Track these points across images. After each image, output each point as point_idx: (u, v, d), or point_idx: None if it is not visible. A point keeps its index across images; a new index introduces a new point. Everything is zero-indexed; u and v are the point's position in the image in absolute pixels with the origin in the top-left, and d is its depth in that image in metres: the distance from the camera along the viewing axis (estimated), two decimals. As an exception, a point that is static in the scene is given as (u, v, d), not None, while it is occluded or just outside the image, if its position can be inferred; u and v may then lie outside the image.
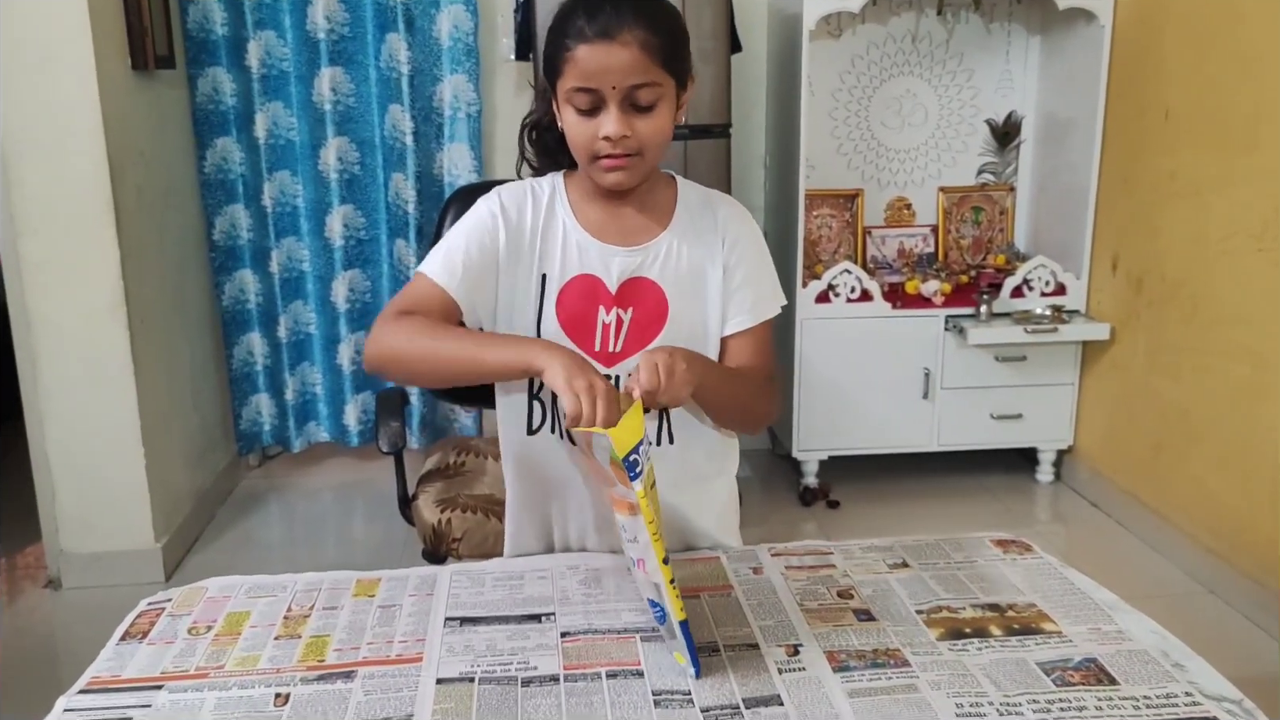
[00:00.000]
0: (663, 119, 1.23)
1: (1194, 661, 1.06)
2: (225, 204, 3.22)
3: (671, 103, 1.24)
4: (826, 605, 1.19)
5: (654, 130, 1.22)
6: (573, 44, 1.18)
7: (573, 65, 1.19)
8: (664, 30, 1.20)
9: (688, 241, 1.32)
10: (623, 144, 1.21)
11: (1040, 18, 3.32)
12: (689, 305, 1.32)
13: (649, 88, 1.19)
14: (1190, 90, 2.69)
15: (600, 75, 1.18)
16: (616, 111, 1.19)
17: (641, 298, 1.31)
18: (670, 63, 1.21)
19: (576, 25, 1.18)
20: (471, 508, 1.88)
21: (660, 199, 1.34)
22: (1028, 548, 1.34)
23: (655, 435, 1.34)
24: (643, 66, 1.18)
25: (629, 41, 1.17)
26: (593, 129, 1.21)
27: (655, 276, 1.31)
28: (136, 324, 2.65)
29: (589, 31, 1.17)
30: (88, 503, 2.70)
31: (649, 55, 1.18)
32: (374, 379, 3.44)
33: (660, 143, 1.24)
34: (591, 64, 1.18)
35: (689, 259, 1.32)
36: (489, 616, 1.18)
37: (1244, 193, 2.50)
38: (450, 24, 3.12)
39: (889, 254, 3.45)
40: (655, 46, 1.18)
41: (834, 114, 3.39)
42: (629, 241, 1.31)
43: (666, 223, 1.33)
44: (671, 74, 1.22)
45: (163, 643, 1.14)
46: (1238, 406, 2.54)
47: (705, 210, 1.35)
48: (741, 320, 1.34)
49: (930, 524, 3.02)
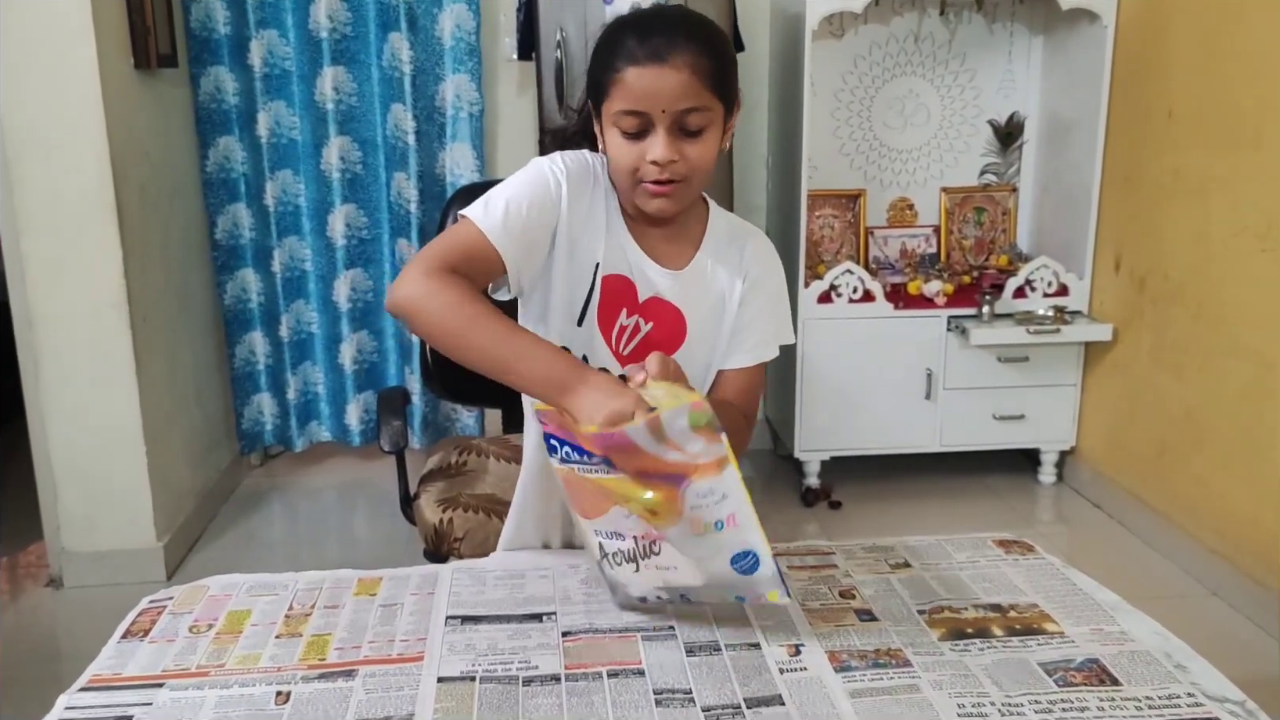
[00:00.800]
0: (710, 145, 1.20)
1: (1196, 663, 1.06)
2: (227, 203, 3.22)
3: (719, 128, 1.21)
4: (828, 605, 1.19)
5: (701, 156, 1.19)
6: (623, 65, 1.15)
7: (621, 87, 1.16)
8: (716, 54, 1.17)
9: (712, 274, 1.31)
10: (670, 169, 1.18)
11: (1043, 18, 3.31)
12: (705, 335, 1.31)
13: (699, 112, 1.17)
14: (1193, 90, 2.68)
15: (650, 98, 1.15)
16: (665, 135, 1.17)
17: (664, 317, 1.30)
18: (720, 87, 1.18)
19: (627, 46, 1.15)
20: (473, 507, 1.88)
21: (692, 226, 1.32)
22: (1030, 548, 1.34)
23: None
24: (694, 91, 1.15)
25: (681, 65, 1.14)
26: (639, 152, 1.18)
27: (679, 303, 1.30)
28: (138, 322, 2.65)
29: (640, 53, 1.14)
30: (89, 501, 2.71)
31: (700, 79, 1.15)
32: (376, 378, 3.44)
33: (706, 169, 1.21)
34: (641, 86, 1.15)
35: (712, 291, 1.31)
36: (490, 615, 1.17)
37: (1248, 192, 2.49)
38: (452, 23, 3.12)
39: (891, 254, 3.45)
40: (706, 70, 1.15)
41: (836, 114, 3.39)
42: (661, 261, 1.29)
43: (692, 254, 1.31)
44: (721, 99, 1.19)
45: (164, 641, 1.14)
46: (1241, 407, 2.54)
47: (733, 244, 1.33)
48: (740, 359, 1.33)
49: (932, 525, 3.02)
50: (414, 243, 3.24)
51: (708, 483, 1.02)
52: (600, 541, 1.12)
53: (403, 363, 3.42)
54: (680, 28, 1.16)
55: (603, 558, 1.14)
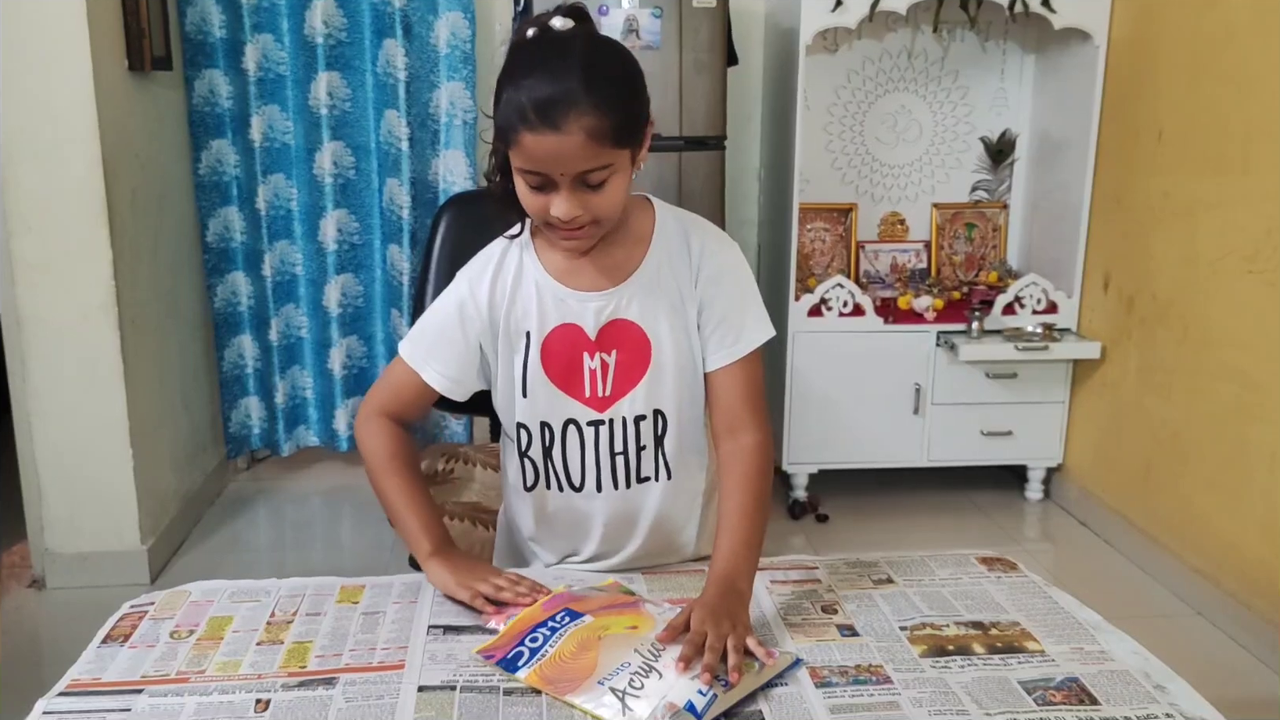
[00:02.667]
0: (615, 191, 1.18)
1: (1175, 683, 1.06)
2: (219, 206, 3.22)
3: (626, 171, 1.19)
4: (810, 620, 1.19)
5: (607, 204, 1.18)
6: (519, 127, 1.12)
7: (520, 149, 1.14)
8: (613, 110, 1.12)
9: (663, 275, 1.28)
10: (576, 220, 1.17)
11: (1036, 37, 3.33)
12: (671, 341, 1.28)
13: (599, 170, 1.14)
14: (1184, 111, 2.70)
15: (548, 163, 1.13)
16: (567, 193, 1.15)
17: (623, 339, 1.28)
18: (621, 140, 1.15)
19: (522, 108, 1.11)
20: (459, 515, 1.87)
21: (635, 229, 1.29)
22: (1012, 566, 1.34)
23: (653, 471, 1.33)
24: (592, 153, 1.12)
25: (576, 130, 1.10)
26: (544, 204, 1.17)
27: (634, 317, 1.27)
28: (127, 325, 2.65)
29: (535, 119, 1.11)
30: (74, 503, 2.69)
31: (597, 141, 1.12)
32: (365, 384, 3.43)
33: (615, 208, 1.20)
34: (539, 152, 1.12)
35: (666, 293, 1.28)
36: (472, 625, 1.17)
37: (1236, 214, 2.51)
38: (448, 31, 3.13)
39: (882, 269, 3.46)
40: (604, 131, 1.12)
41: (829, 128, 3.40)
42: (603, 284, 1.27)
43: (641, 256, 1.28)
44: (623, 148, 1.16)
45: (144, 646, 1.13)
46: (1228, 428, 2.55)
47: (680, 240, 1.30)
48: (723, 355, 1.29)
49: (919, 540, 3.02)
50: (405, 249, 3.24)
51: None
52: (612, 687, 1.01)
53: (392, 369, 3.41)
54: (576, 88, 1.10)
55: (624, 696, 1.00)
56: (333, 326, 3.34)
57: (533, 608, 1.16)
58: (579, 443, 1.30)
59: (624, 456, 1.31)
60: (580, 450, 1.31)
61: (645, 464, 1.32)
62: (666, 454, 1.33)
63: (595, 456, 1.31)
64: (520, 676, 1.05)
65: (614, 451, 1.31)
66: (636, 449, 1.31)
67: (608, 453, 1.31)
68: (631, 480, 1.32)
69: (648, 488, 1.33)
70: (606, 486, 1.32)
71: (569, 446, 1.31)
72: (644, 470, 1.32)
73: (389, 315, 3.35)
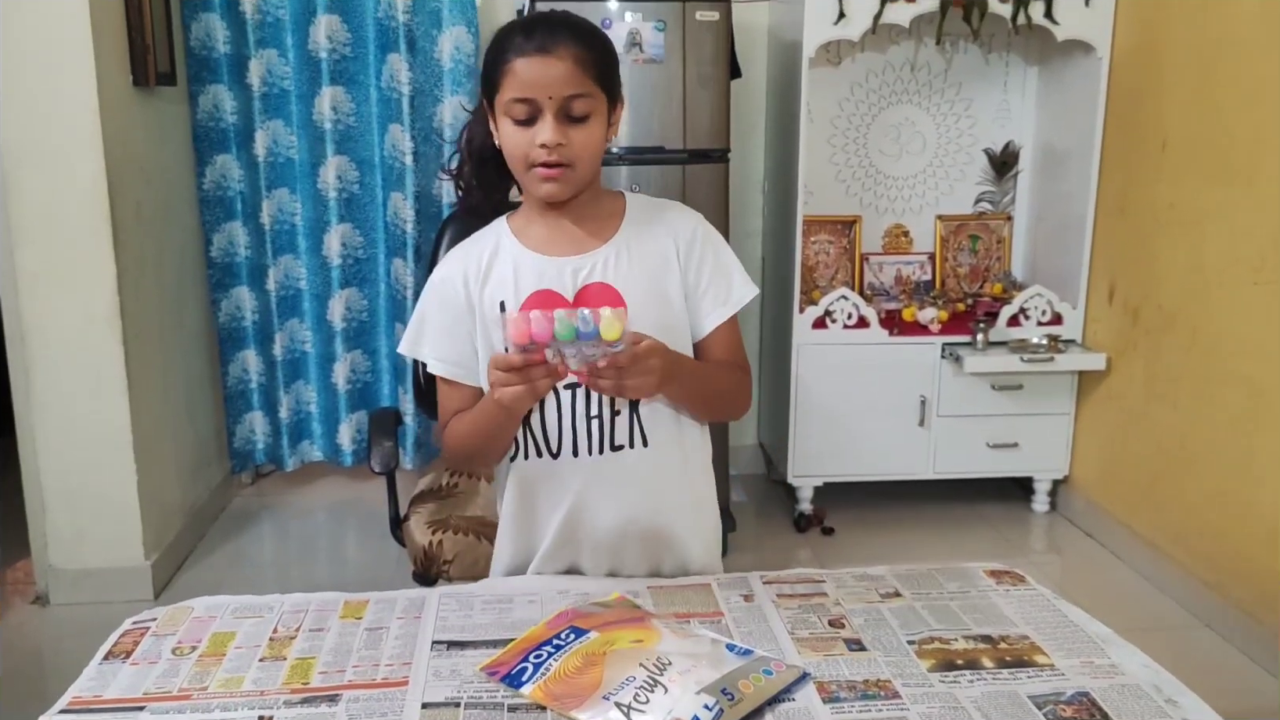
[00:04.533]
0: (595, 131, 1.29)
1: (1186, 697, 1.05)
2: (223, 221, 3.22)
3: (603, 118, 1.31)
4: (818, 634, 1.18)
5: (587, 140, 1.28)
6: (512, 57, 1.26)
7: (511, 77, 1.26)
8: (597, 48, 1.29)
9: (639, 245, 1.37)
10: (558, 151, 1.26)
11: (1039, 49, 3.33)
12: (647, 306, 1.33)
13: (583, 99, 1.27)
14: (1188, 121, 2.70)
15: (537, 86, 1.25)
16: (552, 120, 1.26)
17: (599, 302, 1.32)
18: (602, 78, 1.29)
19: (515, 41, 1.26)
20: (463, 529, 1.87)
21: (605, 212, 1.39)
22: (1021, 579, 1.33)
23: (627, 438, 1.36)
24: (577, 79, 1.26)
25: (564, 55, 1.25)
26: (529, 138, 1.27)
27: (610, 279, 1.35)
28: (131, 338, 2.64)
29: (527, 46, 1.25)
30: (78, 518, 2.69)
31: (582, 69, 1.26)
32: (369, 398, 3.43)
33: (593, 154, 1.31)
34: (529, 75, 1.25)
35: (641, 261, 1.36)
36: (477, 641, 1.16)
37: (1241, 224, 2.50)
38: (452, 45, 3.14)
39: (886, 281, 3.45)
40: (588, 61, 1.27)
41: (833, 140, 3.40)
42: (582, 248, 1.36)
43: (616, 226, 1.38)
44: (603, 89, 1.29)
45: (146, 663, 1.13)
46: (1234, 438, 2.54)
47: (654, 216, 1.41)
48: (715, 315, 1.39)
49: (925, 552, 3.01)
50: (409, 263, 3.23)
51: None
52: (617, 702, 1.00)
53: (396, 383, 3.41)
54: (563, 26, 1.28)
55: (629, 711, 1.00)
56: (337, 341, 3.34)
57: (538, 626, 1.15)
58: (555, 407, 1.34)
59: (599, 420, 1.34)
60: (557, 414, 1.34)
61: (620, 431, 1.35)
62: (642, 420, 1.35)
63: (572, 420, 1.34)
64: (525, 692, 1.04)
65: (589, 415, 1.34)
66: (611, 414, 1.34)
67: (584, 416, 1.34)
68: (606, 447, 1.35)
69: (623, 455, 1.36)
70: (582, 452, 1.35)
71: (546, 411, 1.35)
72: (618, 437, 1.35)
73: (393, 329, 3.35)
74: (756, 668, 1.07)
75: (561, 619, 1.16)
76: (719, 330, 1.39)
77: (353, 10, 3.12)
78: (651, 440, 1.36)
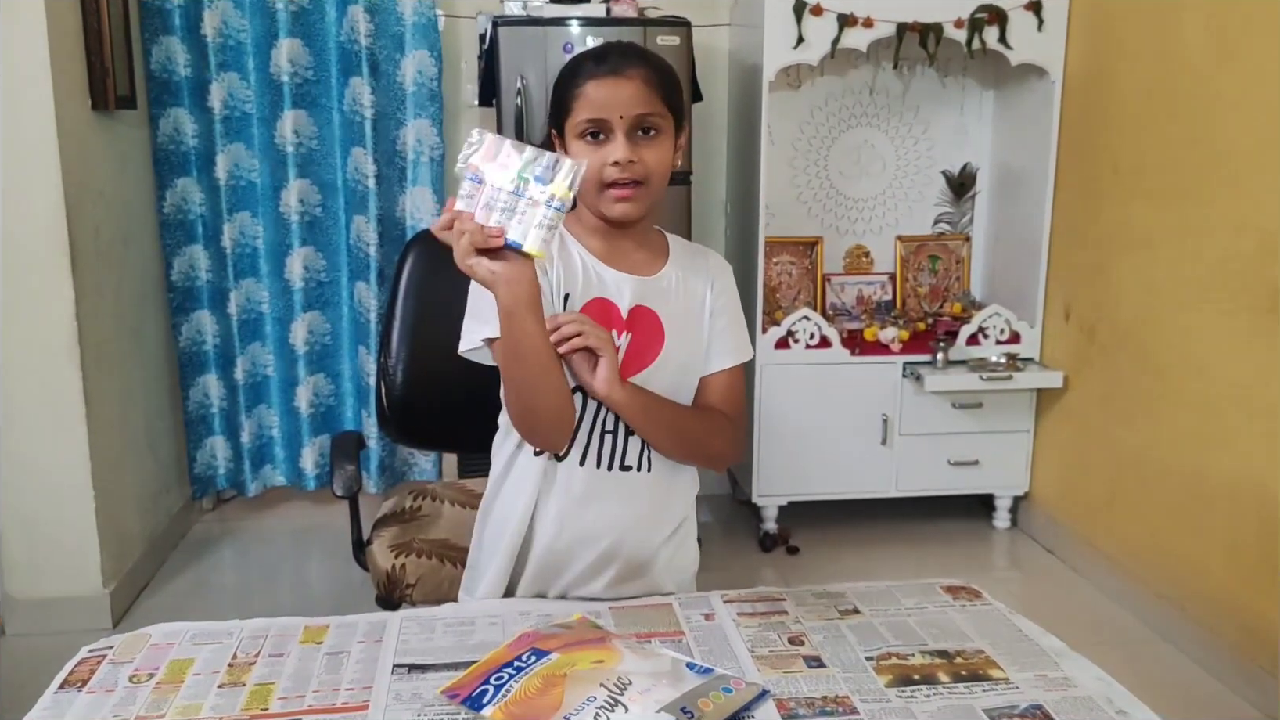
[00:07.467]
0: (664, 150, 1.34)
1: (1138, 709, 1.07)
2: (184, 244, 3.20)
3: (671, 138, 1.36)
4: (777, 652, 1.19)
5: (657, 159, 1.33)
6: (583, 81, 1.32)
7: (583, 100, 1.31)
8: (664, 73, 1.36)
9: (684, 282, 1.42)
10: (630, 169, 1.31)
11: (993, 73, 3.40)
12: (682, 341, 1.39)
13: (652, 118, 1.32)
14: (1139, 144, 2.76)
15: (609, 106, 1.30)
16: (624, 138, 1.31)
17: (643, 326, 1.37)
18: (670, 100, 1.35)
19: (587, 67, 1.33)
20: (426, 553, 1.86)
21: (654, 243, 1.44)
22: (977, 594, 1.35)
23: (636, 460, 1.38)
24: (646, 98, 1.32)
25: (634, 77, 1.31)
26: (601, 157, 1.31)
27: (657, 308, 1.38)
28: (90, 364, 2.62)
29: (599, 71, 1.32)
30: (34, 547, 2.65)
31: (651, 89, 1.32)
32: (332, 422, 3.41)
33: (663, 173, 1.35)
34: (600, 96, 1.31)
35: (684, 299, 1.42)
36: (438, 664, 1.16)
37: (1190, 245, 2.56)
38: (414, 69, 3.15)
39: (848, 301, 3.49)
40: (657, 82, 1.33)
41: (794, 163, 3.44)
42: (635, 270, 1.39)
43: (663, 264, 1.42)
44: (671, 111, 1.35)
45: (103, 691, 1.12)
46: (1189, 455, 2.58)
47: (696, 256, 1.47)
48: (724, 360, 1.44)
49: (889, 569, 3.03)
50: (372, 286, 3.23)
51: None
52: None
53: (360, 406, 3.39)
54: (632, 52, 1.35)
55: None
56: (300, 364, 3.32)
57: (499, 648, 1.15)
58: (579, 410, 1.35)
59: (612, 436, 1.36)
60: (578, 418, 1.35)
61: (630, 451, 1.37)
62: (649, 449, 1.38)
63: (589, 428, 1.36)
64: (485, 715, 1.04)
65: (604, 429, 1.36)
66: (625, 432, 1.36)
67: (599, 429, 1.36)
68: (614, 463, 1.37)
69: (629, 478, 1.37)
70: (589, 463, 1.36)
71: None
72: (628, 458, 1.37)
73: (356, 353, 3.34)
74: (716, 685, 1.08)
75: (523, 641, 1.16)
76: (719, 377, 1.43)
77: (315, 34, 3.13)
78: (655, 467, 1.39)
